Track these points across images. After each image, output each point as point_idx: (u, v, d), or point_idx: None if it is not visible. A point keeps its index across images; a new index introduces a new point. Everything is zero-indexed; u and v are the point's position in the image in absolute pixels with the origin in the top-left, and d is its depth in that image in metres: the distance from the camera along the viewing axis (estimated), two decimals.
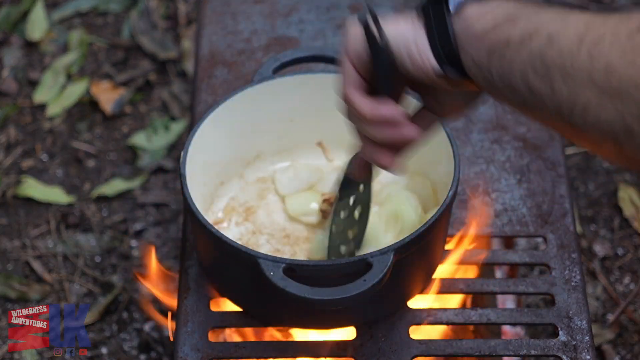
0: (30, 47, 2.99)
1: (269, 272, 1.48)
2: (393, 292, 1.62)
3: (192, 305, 1.68)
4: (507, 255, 1.74)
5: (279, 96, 1.76)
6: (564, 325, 1.65)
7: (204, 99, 1.97)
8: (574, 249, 1.74)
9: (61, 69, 2.90)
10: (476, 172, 1.84)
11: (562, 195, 1.81)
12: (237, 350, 1.64)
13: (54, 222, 2.59)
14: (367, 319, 1.64)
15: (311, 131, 1.82)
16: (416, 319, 1.66)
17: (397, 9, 2.10)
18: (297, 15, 2.10)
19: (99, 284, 2.47)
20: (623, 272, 2.48)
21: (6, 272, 2.48)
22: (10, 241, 2.56)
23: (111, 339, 2.38)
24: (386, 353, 1.63)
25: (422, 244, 1.56)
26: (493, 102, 1.94)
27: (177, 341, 1.65)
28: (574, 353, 1.62)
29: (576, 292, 1.69)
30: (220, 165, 1.78)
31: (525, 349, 1.63)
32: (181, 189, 1.61)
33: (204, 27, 2.10)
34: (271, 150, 1.83)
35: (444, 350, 1.63)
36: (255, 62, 2.02)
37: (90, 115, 2.83)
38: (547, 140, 1.89)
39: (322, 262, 1.52)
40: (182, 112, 2.82)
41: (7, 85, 2.89)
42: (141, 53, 2.97)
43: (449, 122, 1.89)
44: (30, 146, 2.76)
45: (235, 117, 1.74)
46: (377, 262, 1.49)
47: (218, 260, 1.63)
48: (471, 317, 1.67)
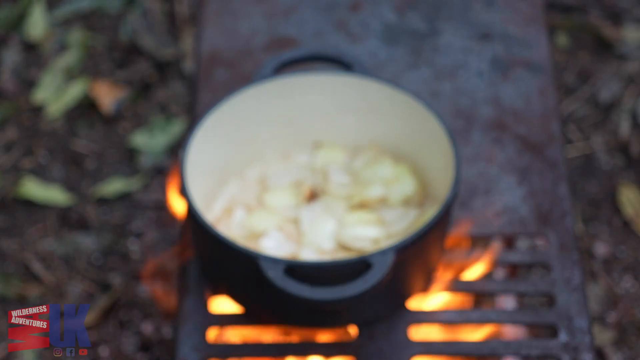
0: (30, 47, 2.99)
1: (269, 272, 1.48)
2: (393, 292, 1.62)
3: (192, 305, 1.68)
4: (507, 255, 1.74)
5: (279, 96, 1.76)
6: (564, 325, 1.65)
7: (204, 99, 1.97)
8: (574, 249, 1.74)
9: (61, 69, 2.90)
10: (476, 172, 1.84)
11: (562, 195, 1.81)
12: (237, 350, 1.64)
13: (53, 223, 2.59)
14: (367, 319, 1.64)
15: (310, 131, 1.82)
16: (416, 319, 1.66)
17: (397, 8, 2.10)
18: (297, 15, 2.10)
19: (98, 285, 2.47)
20: (623, 273, 2.48)
21: (6, 272, 2.48)
22: (10, 241, 2.56)
23: (111, 339, 2.38)
24: (386, 353, 1.62)
25: (422, 244, 1.56)
26: (493, 102, 1.95)
27: (177, 341, 1.64)
28: (574, 353, 1.62)
29: (576, 293, 1.69)
30: (220, 165, 1.78)
31: (525, 349, 1.63)
32: (181, 189, 1.61)
33: (204, 27, 2.10)
34: (271, 150, 1.83)
35: (444, 350, 1.63)
36: (255, 62, 2.02)
37: (90, 116, 2.83)
38: (547, 140, 1.89)
39: (322, 262, 1.52)
40: (182, 112, 2.82)
41: (7, 85, 2.89)
42: (141, 53, 2.97)
43: (448, 122, 1.90)
44: (30, 146, 2.76)
45: (235, 117, 1.74)
46: (377, 262, 1.49)
47: (218, 260, 1.63)
48: (471, 317, 1.67)
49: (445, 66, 2.00)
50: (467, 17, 2.08)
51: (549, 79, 1.98)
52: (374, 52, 2.02)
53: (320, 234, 1.70)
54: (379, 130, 1.80)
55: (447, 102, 1.94)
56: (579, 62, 2.91)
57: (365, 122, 1.80)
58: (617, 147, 2.72)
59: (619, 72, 2.87)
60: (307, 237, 1.71)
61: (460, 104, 1.94)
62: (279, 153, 1.84)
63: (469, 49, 2.03)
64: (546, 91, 1.97)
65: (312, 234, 1.71)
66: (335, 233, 1.70)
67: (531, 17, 2.09)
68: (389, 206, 1.74)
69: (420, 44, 2.04)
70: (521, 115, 1.93)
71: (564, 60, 2.92)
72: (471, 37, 2.05)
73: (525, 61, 2.01)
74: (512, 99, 1.95)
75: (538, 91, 1.96)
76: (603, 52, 2.93)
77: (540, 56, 2.02)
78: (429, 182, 1.76)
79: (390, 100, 1.74)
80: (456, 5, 2.11)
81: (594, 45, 2.96)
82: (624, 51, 2.92)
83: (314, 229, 1.71)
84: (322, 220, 1.72)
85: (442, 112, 1.92)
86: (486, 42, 2.04)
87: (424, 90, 1.96)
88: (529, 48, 2.03)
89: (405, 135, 1.76)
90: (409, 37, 2.05)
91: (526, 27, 2.07)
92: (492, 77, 1.98)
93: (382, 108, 1.76)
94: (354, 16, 2.09)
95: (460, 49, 2.03)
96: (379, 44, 2.04)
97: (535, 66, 2.00)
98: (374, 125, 1.79)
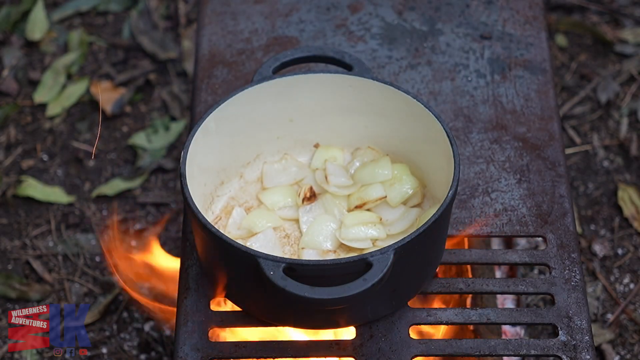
0: (31, 47, 2.99)
1: (269, 272, 1.49)
2: (393, 292, 1.62)
3: (192, 305, 1.68)
4: (507, 255, 1.74)
5: (279, 96, 1.76)
6: (563, 325, 1.65)
7: (204, 99, 1.97)
8: (573, 249, 1.75)
9: (61, 69, 2.90)
10: (476, 172, 1.84)
11: (562, 195, 1.82)
12: (237, 350, 1.64)
13: (54, 222, 2.59)
14: (367, 319, 1.65)
15: (310, 131, 1.83)
16: (416, 318, 1.66)
17: (396, 9, 2.10)
18: (297, 15, 2.10)
19: (99, 284, 2.47)
20: (623, 272, 2.48)
21: (6, 272, 2.48)
22: (11, 241, 2.56)
23: (111, 339, 2.38)
24: (386, 353, 1.63)
25: (422, 244, 1.56)
26: (493, 102, 1.95)
27: (177, 341, 1.65)
28: (573, 353, 1.62)
29: (576, 292, 1.69)
30: (220, 165, 1.78)
31: (525, 349, 1.63)
32: (181, 189, 1.61)
33: (204, 27, 2.10)
34: (271, 150, 1.83)
35: (444, 350, 1.63)
36: (255, 62, 2.02)
37: (90, 115, 2.83)
38: (547, 140, 1.89)
39: (322, 262, 1.52)
40: (182, 112, 2.82)
41: (7, 85, 2.89)
42: (141, 53, 2.97)
43: (448, 122, 1.90)
44: (31, 146, 2.76)
45: (235, 117, 1.74)
46: (377, 261, 1.49)
47: (218, 260, 1.63)
48: (471, 317, 1.67)
49: (445, 66, 2.00)
50: (467, 17, 2.08)
51: (548, 79, 1.98)
52: (374, 52, 2.02)
53: (320, 234, 1.70)
54: (379, 131, 1.80)
55: (447, 102, 1.94)
56: (578, 62, 2.91)
57: (365, 122, 1.80)
58: (617, 147, 2.72)
59: (619, 72, 2.87)
60: (306, 237, 1.71)
61: (460, 104, 1.94)
62: (279, 153, 1.84)
63: (468, 49, 2.03)
64: (546, 91, 1.97)
65: (312, 234, 1.71)
66: (335, 233, 1.70)
67: (531, 17, 2.09)
68: (388, 206, 1.74)
69: (420, 44, 2.04)
70: (521, 115, 1.93)
71: (564, 60, 2.92)
72: (471, 37, 2.05)
73: (525, 61, 2.01)
74: (512, 99, 1.95)
75: (538, 91, 1.97)
76: (603, 52, 2.93)
77: (540, 56, 2.02)
78: (429, 182, 1.76)
79: (390, 100, 1.74)
80: (456, 5, 2.11)
81: (593, 45, 2.96)
82: (624, 51, 2.92)
83: (313, 228, 1.71)
84: (321, 220, 1.72)
85: (442, 112, 1.92)
86: (486, 42, 2.04)
87: (423, 90, 1.96)
88: (529, 48, 2.03)
89: (405, 135, 1.76)
90: (409, 37, 2.05)
91: (526, 27, 2.07)
92: (492, 77, 1.98)
93: (382, 108, 1.76)
94: (354, 16, 2.09)
95: (460, 49, 2.03)
96: (379, 44, 2.04)
97: (535, 66, 2.00)
98: (374, 125, 1.80)
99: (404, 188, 1.74)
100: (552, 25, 2.96)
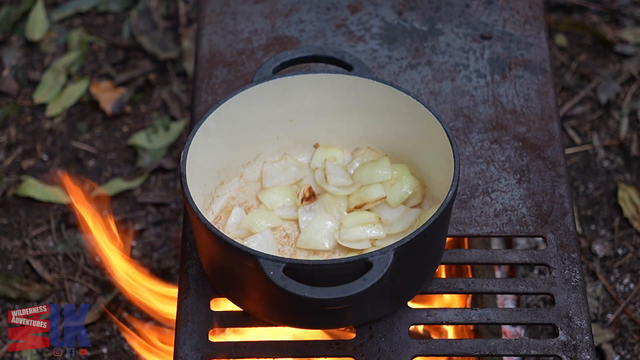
0: (30, 47, 2.99)
1: (269, 272, 1.49)
2: (393, 292, 1.62)
3: (192, 305, 1.68)
4: (507, 255, 1.74)
5: (279, 96, 1.76)
6: (563, 325, 1.65)
7: (204, 99, 1.97)
8: (573, 249, 1.75)
9: (61, 69, 2.90)
10: (476, 172, 1.84)
11: (562, 195, 1.82)
12: (237, 350, 1.64)
13: (54, 222, 2.59)
14: (367, 319, 1.65)
15: (310, 131, 1.83)
16: (416, 319, 1.66)
17: (396, 9, 2.10)
18: (297, 15, 2.10)
19: (99, 284, 2.47)
20: (623, 272, 2.48)
21: (6, 272, 2.49)
22: (11, 241, 2.56)
23: (111, 339, 2.38)
24: (386, 353, 1.63)
25: (421, 244, 1.56)
26: (493, 102, 1.95)
27: (177, 341, 1.65)
28: (573, 353, 1.62)
29: (576, 292, 1.69)
30: (220, 165, 1.78)
31: (525, 349, 1.63)
32: (181, 189, 1.61)
33: (204, 27, 2.10)
34: (271, 150, 1.83)
35: (443, 350, 1.63)
36: (255, 62, 2.02)
37: (90, 115, 2.83)
38: (547, 140, 1.89)
39: (322, 262, 1.52)
40: (182, 112, 2.82)
41: (7, 85, 2.89)
42: (141, 53, 2.97)
43: (448, 122, 1.90)
44: (31, 146, 2.76)
45: (235, 117, 1.74)
46: (377, 261, 1.49)
47: (218, 260, 1.63)
48: (471, 317, 1.67)
49: (445, 66, 2.00)
50: (467, 17, 2.09)
51: (548, 79, 1.98)
52: (374, 52, 2.02)
53: (319, 234, 1.70)
54: (379, 131, 1.80)
55: (447, 102, 1.94)
56: (578, 62, 2.91)
57: (365, 122, 1.80)
58: (617, 147, 2.72)
59: (619, 72, 2.87)
60: (304, 235, 1.71)
61: (460, 104, 1.94)
62: (279, 153, 1.84)
63: (468, 49, 2.03)
64: (546, 91, 1.97)
65: (312, 234, 1.71)
66: (335, 233, 1.70)
67: (531, 17, 2.09)
68: (388, 206, 1.74)
69: (420, 44, 2.04)
70: (521, 115, 1.93)
71: (564, 60, 2.92)
72: (471, 37, 2.05)
73: (525, 61, 2.01)
74: (512, 99, 1.95)
75: (538, 91, 1.97)
76: (603, 52, 2.93)
77: (540, 56, 2.02)
78: (429, 182, 1.76)
79: (390, 100, 1.74)
80: (456, 5, 2.11)
81: (593, 45, 2.96)
82: (624, 51, 2.92)
83: (313, 228, 1.71)
84: (321, 220, 1.72)
85: (442, 112, 1.92)
86: (486, 42, 2.04)
87: (423, 90, 1.96)
88: (528, 48, 2.03)
89: (405, 135, 1.76)
90: (409, 37, 2.05)
91: (526, 27, 2.07)
92: (492, 77, 1.98)
93: (382, 108, 1.76)
94: (354, 16, 2.09)
95: (460, 49, 2.03)
96: (379, 44, 2.04)
97: (535, 66, 2.00)
98: (374, 125, 1.80)
99: (403, 188, 1.74)
100: (552, 25, 2.96)
